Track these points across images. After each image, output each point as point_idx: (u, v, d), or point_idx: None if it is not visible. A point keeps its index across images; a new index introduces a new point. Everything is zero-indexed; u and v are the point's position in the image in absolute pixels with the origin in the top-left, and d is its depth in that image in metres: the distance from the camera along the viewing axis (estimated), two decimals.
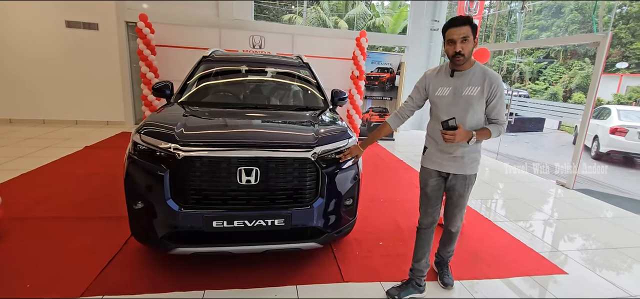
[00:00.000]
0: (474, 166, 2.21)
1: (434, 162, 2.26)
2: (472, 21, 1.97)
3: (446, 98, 2.12)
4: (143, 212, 2.25)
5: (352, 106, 7.43)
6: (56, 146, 5.74)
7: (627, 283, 2.80)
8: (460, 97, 2.07)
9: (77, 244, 2.78)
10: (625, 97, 18.34)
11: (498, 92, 2.03)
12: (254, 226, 2.24)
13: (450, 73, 2.10)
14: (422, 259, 2.41)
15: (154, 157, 2.23)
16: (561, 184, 5.49)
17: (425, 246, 2.41)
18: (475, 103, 2.05)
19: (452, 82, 2.09)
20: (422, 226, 2.40)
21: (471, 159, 2.18)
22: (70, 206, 3.48)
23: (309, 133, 2.51)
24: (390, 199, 4.22)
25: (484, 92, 2.03)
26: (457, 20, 1.96)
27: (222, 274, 2.50)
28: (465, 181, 2.22)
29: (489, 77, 2.03)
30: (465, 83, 2.06)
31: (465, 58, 1.99)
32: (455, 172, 2.20)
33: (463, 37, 1.95)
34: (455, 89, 2.08)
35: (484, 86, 2.02)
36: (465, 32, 1.94)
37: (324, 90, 3.68)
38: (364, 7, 16.60)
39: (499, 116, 2.10)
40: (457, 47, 1.96)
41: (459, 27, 1.95)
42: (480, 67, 2.08)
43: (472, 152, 2.17)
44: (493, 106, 2.08)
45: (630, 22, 21.02)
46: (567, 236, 3.68)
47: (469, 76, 2.06)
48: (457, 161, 2.18)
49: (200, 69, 3.58)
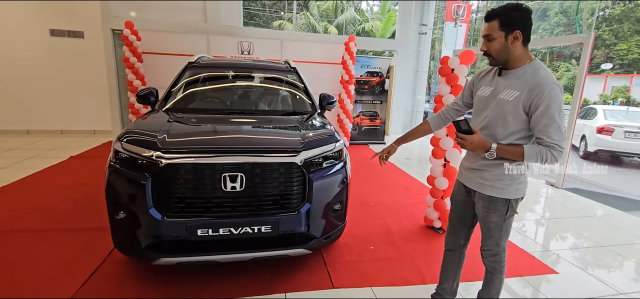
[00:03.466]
0: (499, 188, 1.74)
1: (461, 173, 1.97)
2: (504, 14, 1.63)
3: (484, 99, 1.79)
4: (125, 222, 2.19)
5: (342, 110, 7.42)
6: (40, 156, 5.60)
7: (617, 281, 2.80)
8: (496, 101, 1.71)
9: (59, 257, 2.68)
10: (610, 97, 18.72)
11: (543, 102, 1.55)
12: (240, 233, 2.19)
13: (499, 72, 1.77)
14: (445, 283, 2.18)
15: (136, 166, 2.17)
16: (550, 183, 5.53)
17: (448, 270, 2.15)
18: (509, 110, 1.65)
19: (496, 82, 1.75)
20: (446, 247, 2.16)
21: (494, 177, 1.75)
22: (53, 218, 3.37)
23: (295, 138, 2.47)
24: (381, 203, 4.19)
25: (522, 99, 1.61)
26: (486, 15, 1.68)
27: (208, 284, 2.43)
28: (485, 203, 1.80)
29: (535, 81, 1.59)
30: (506, 85, 1.69)
31: (494, 58, 1.70)
32: (475, 190, 1.84)
33: (486, 35, 1.68)
34: (495, 91, 1.73)
35: (524, 91, 1.61)
36: (489, 28, 1.66)
37: (311, 94, 3.65)
38: (353, 13, 16.74)
39: (544, 135, 1.58)
40: (482, 46, 1.72)
41: (486, 23, 1.68)
42: (533, 68, 1.64)
43: (494, 168, 1.75)
44: (536, 120, 1.59)
45: (613, 24, 21.55)
46: (557, 235, 3.69)
47: (516, 76, 1.67)
48: (475, 174, 1.82)
49: (185, 75, 3.52)
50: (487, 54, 1.71)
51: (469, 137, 1.70)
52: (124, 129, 2.47)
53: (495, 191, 1.76)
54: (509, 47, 1.64)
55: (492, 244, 1.87)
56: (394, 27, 13.05)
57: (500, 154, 1.68)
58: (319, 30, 16.43)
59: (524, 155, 1.62)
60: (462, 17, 12.46)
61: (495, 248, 1.87)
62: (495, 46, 1.66)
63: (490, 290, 1.97)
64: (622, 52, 20.99)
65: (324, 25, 17.07)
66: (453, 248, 2.11)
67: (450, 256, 2.14)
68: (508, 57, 1.67)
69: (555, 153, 1.58)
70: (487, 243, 1.88)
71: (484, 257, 1.94)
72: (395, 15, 11.84)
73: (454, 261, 2.12)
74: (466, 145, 1.72)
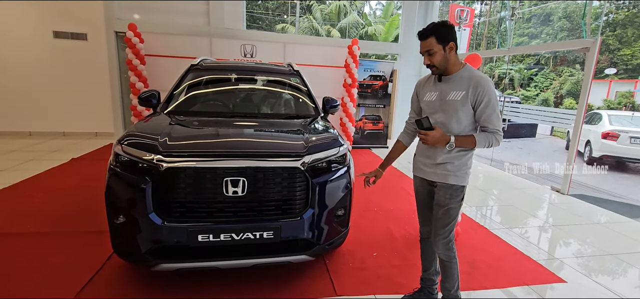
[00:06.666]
0: (460, 176, 2.00)
1: (418, 169, 2.17)
2: (437, 31, 1.87)
3: (433, 103, 2.03)
4: (125, 227, 2.15)
5: (345, 113, 7.38)
6: (41, 158, 5.59)
7: (624, 289, 2.74)
8: (445, 103, 1.97)
9: (58, 261, 2.65)
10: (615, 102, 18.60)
11: (485, 97, 1.87)
12: (241, 239, 2.15)
13: (438, 78, 2.02)
14: (429, 268, 2.34)
15: (136, 169, 2.14)
16: (556, 189, 5.46)
17: (428, 257, 2.32)
18: (460, 109, 1.92)
19: (439, 87, 2.01)
20: (421, 236, 2.33)
21: (456, 168, 1.99)
22: (53, 221, 3.34)
23: (298, 142, 2.43)
24: (384, 208, 4.14)
25: (469, 97, 1.90)
26: (420, 34, 1.92)
27: (209, 291, 2.39)
28: (448, 191, 2.01)
29: (475, 80, 1.89)
30: (450, 88, 1.96)
31: (438, 68, 1.93)
32: (438, 181, 2.04)
33: (427, 51, 1.91)
34: (441, 95, 1.99)
35: (468, 90, 1.89)
36: (428, 45, 1.89)
37: (314, 98, 3.61)
38: (356, 17, 16.72)
39: (488, 123, 1.92)
40: (425, 60, 1.94)
41: (422, 41, 1.92)
42: (468, 70, 1.95)
43: (456, 159, 1.99)
44: (480, 112, 1.91)
45: (617, 29, 21.44)
46: (563, 242, 3.63)
47: (455, 80, 1.95)
48: (439, 167, 2.02)
49: (188, 77, 3.49)
50: (431, 66, 1.95)
51: (430, 133, 1.94)
52: (125, 131, 2.44)
53: (457, 179, 2.00)
54: (447, 56, 1.91)
55: (448, 230, 2.07)
56: (397, 30, 13.03)
57: (458, 144, 1.94)
58: (322, 33, 16.42)
59: (476, 141, 1.92)
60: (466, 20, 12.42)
61: (450, 234, 2.08)
62: (437, 58, 1.91)
63: (452, 277, 2.14)
64: (626, 57, 20.87)
65: (327, 28, 17.06)
66: (428, 236, 2.26)
67: (427, 243, 2.29)
68: (447, 65, 1.94)
69: (498, 137, 1.93)
70: (444, 230, 2.07)
71: (438, 248, 2.10)
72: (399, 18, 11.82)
73: (431, 247, 2.26)
74: (428, 140, 1.95)
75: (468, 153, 2.02)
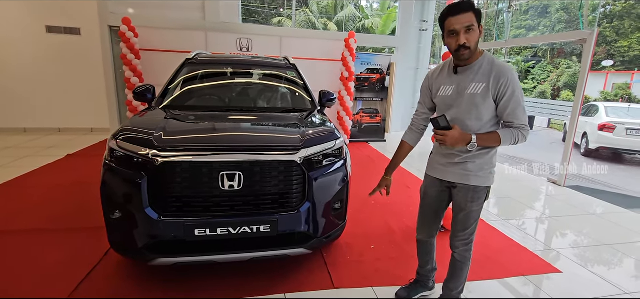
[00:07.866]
0: (483, 177, 1.81)
1: (434, 168, 1.98)
2: (474, 8, 1.63)
3: (449, 98, 1.81)
4: (121, 222, 2.14)
5: (342, 107, 7.36)
6: (36, 155, 5.55)
7: (620, 280, 2.76)
8: (463, 97, 1.74)
9: (54, 258, 2.64)
10: (612, 94, 18.66)
11: (509, 88, 1.65)
12: (238, 233, 2.14)
13: (454, 69, 1.79)
14: (426, 265, 2.30)
15: (132, 164, 2.12)
16: (552, 181, 5.49)
17: (426, 256, 2.26)
18: (480, 103, 1.70)
19: (456, 79, 1.78)
20: (421, 238, 2.21)
21: (477, 167, 1.80)
22: (49, 217, 3.33)
23: (294, 135, 2.41)
24: (382, 202, 4.14)
25: (490, 89, 1.68)
26: (458, 7, 1.62)
27: (206, 285, 2.39)
28: (469, 193, 1.83)
29: (497, 70, 1.67)
30: (469, 79, 1.73)
31: (471, 51, 1.67)
32: (458, 182, 1.86)
33: (467, 27, 1.62)
34: (459, 88, 1.76)
35: (489, 81, 1.67)
36: (469, 19, 1.61)
37: (311, 91, 3.59)
38: (353, 10, 16.63)
39: (513, 118, 1.70)
40: (461, 39, 1.63)
41: (461, 15, 1.62)
42: (488, 59, 1.72)
43: (477, 157, 1.80)
44: (504, 106, 1.69)
45: (614, 21, 21.45)
46: (559, 233, 3.65)
47: (474, 70, 1.72)
48: (458, 167, 1.83)
49: (183, 72, 3.46)
50: (465, 48, 1.65)
51: (449, 133, 1.71)
52: (120, 126, 2.42)
53: (480, 180, 1.82)
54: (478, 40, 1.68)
55: (469, 233, 1.93)
56: (394, 24, 12.97)
57: (480, 144, 1.73)
58: (319, 27, 16.33)
59: (501, 139, 1.71)
60: None
61: (472, 236, 1.94)
62: (474, 38, 1.65)
63: (460, 279, 2.04)
64: (623, 49, 20.91)
65: (324, 22, 16.97)
66: (428, 239, 2.17)
67: (426, 246, 2.22)
68: (475, 50, 1.69)
69: (525, 133, 1.72)
70: (464, 233, 1.93)
71: (457, 247, 1.98)
72: (396, 12, 11.76)
73: (430, 248, 2.22)
74: (447, 141, 1.72)
75: (491, 151, 1.83)
